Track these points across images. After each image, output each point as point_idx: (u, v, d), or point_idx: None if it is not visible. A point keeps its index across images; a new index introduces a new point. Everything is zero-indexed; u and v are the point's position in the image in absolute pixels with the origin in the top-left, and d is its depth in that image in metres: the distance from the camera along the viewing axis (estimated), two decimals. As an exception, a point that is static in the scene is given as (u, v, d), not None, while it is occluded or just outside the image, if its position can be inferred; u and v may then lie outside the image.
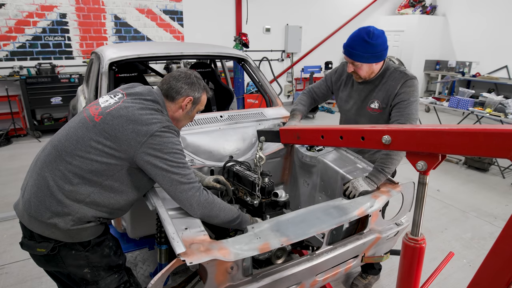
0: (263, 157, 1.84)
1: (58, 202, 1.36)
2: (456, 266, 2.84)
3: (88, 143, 1.38)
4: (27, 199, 1.39)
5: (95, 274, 1.50)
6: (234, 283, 1.45)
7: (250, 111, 2.68)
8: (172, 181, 1.41)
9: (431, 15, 9.98)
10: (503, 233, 0.86)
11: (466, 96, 5.54)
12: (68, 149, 1.39)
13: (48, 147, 1.45)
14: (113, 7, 6.72)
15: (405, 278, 1.17)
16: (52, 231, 1.39)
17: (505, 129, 0.81)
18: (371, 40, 1.84)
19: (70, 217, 1.38)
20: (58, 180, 1.36)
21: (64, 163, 1.37)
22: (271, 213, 1.88)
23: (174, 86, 1.57)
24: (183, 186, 1.43)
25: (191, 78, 1.60)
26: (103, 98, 1.54)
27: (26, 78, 5.89)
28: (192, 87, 1.60)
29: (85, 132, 1.40)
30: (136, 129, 1.37)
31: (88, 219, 1.43)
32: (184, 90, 1.57)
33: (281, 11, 8.61)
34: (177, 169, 1.41)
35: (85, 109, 1.52)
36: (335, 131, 1.31)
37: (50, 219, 1.36)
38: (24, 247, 1.46)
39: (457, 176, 4.82)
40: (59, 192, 1.36)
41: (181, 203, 1.47)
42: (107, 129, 1.38)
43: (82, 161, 1.37)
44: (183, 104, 1.59)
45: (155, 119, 1.42)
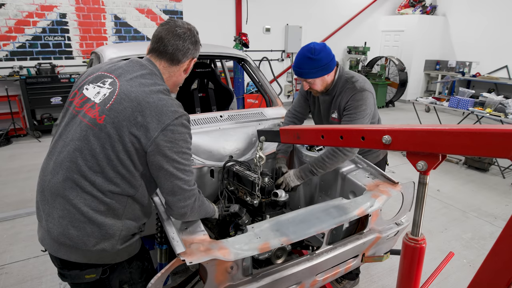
0: (263, 157, 1.84)
1: (99, 226, 1.24)
2: (456, 266, 2.84)
3: (102, 153, 1.22)
4: (61, 232, 1.23)
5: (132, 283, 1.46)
6: (234, 283, 1.45)
7: (250, 111, 2.68)
8: (174, 186, 1.29)
9: (431, 15, 9.98)
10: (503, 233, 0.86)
11: (466, 96, 5.54)
12: (85, 167, 1.22)
13: (55, 169, 1.26)
14: (113, 7, 6.71)
15: (405, 278, 1.17)
16: (100, 257, 1.29)
17: (505, 129, 0.81)
18: (314, 56, 1.93)
19: (116, 237, 1.28)
20: (91, 204, 1.23)
21: (88, 184, 1.22)
22: (271, 213, 1.88)
23: (182, 48, 1.36)
24: (185, 194, 1.32)
25: (195, 37, 1.41)
26: (90, 90, 1.32)
27: (26, 78, 5.90)
28: (196, 46, 1.42)
29: (94, 142, 1.22)
30: (145, 125, 1.21)
31: (132, 231, 1.35)
32: (190, 51, 1.39)
33: (281, 11, 8.61)
34: (182, 174, 1.29)
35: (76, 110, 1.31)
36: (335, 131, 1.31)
37: (96, 245, 1.24)
38: (67, 278, 1.33)
39: (457, 176, 4.82)
40: (97, 215, 1.23)
41: (176, 209, 1.34)
42: (113, 130, 1.21)
43: (105, 176, 1.23)
44: (188, 66, 1.44)
45: (164, 105, 1.25)
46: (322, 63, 1.95)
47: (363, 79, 2.09)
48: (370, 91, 2.04)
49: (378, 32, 10.50)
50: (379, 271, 2.76)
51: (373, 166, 2.08)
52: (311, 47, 1.96)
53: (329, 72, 2.02)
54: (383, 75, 8.99)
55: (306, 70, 1.97)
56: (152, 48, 1.39)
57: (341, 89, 2.08)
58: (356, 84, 2.02)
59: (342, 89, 2.08)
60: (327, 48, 2.00)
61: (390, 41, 10.40)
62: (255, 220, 1.91)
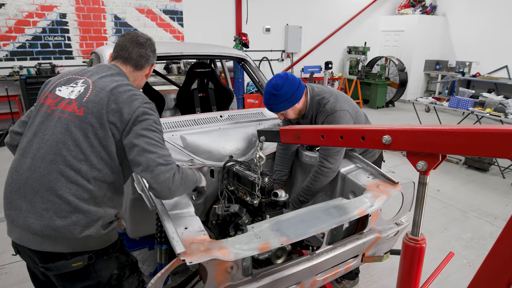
0: (263, 157, 1.84)
1: (84, 214, 1.30)
2: (456, 266, 2.84)
3: (86, 142, 1.31)
4: (45, 224, 1.26)
5: (122, 274, 1.49)
6: (234, 283, 1.45)
7: (250, 111, 2.68)
8: (149, 160, 1.32)
9: (431, 15, 9.98)
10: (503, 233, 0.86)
11: (466, 96, 5.54)
12: (70, 158, 1.30)
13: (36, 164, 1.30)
14: (113, 7, 6.71)
15: (405, 278, 1.17)
16: (85, 244, 1.34)
17: (505, 129, 0.81)
18: (277, 92, 1.99)
19: (100, 222, 1.34)
20: (76, 192, 1.29)
21: (74, 173, 1.29)
22: (271, 213, 1.88)
23: (144, 55, 1.53)
24: (161, 167, 1.34)
25: (154, 45, 1.58)
26: (63, 90, 1.41)
27: (26, 78, 5.89)
28: (154, 54, 1.60)
29: (77, 132, 1.31)
30: (119, 110, 1.34)
31: (111, 219, 1.41)
32: (151, 59, 1.57)
33: (281, 11, 8.61)
34: (155, 148, 1.34)
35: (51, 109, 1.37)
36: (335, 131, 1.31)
37: (82, 233, 1.30)
38: (52, 271, 1.34)
39: (457, 176, 4.82)
40: (81, 203, 1.30)
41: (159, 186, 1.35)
42: (94, 119, 1.32)
43: (89, 163, 1.31)
44: (149, 72, 1.60)
45: (134, 95, 1.39)
46: (287, 96, 2.00)
47: (334, 97, 2.08)
48: (342, 109, 2.04)
49: (378, 32, 10.50)
50: (379, 271, 2.76)
51: (373, 166, 2.09)
52: (273, 83, 2.01)
53: (298, 101, 2.05)
54: (383, 75, 8.98)
55: (274, 105, 2.04)
56: (116, 55, 1.53)
57: (315, 112, 2.12)
58: (327, 107, 2.05)
59: (316, 112, 2.12)
60: (290, 79, 2.02)
61: (390, 41, 10.40)
62: (255, 220, 1.91)
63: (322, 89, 2.15)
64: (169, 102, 3.84)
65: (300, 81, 2.08)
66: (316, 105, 2.11)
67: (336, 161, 2.03)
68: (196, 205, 2.12)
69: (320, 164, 2.05)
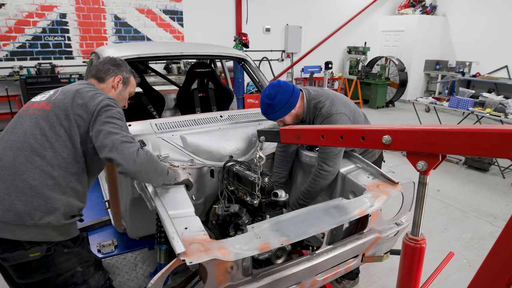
0: (263, 157, 1.84)
1: (46, 199, 1.36)
2: (456, 266, 2.84)
3: (51, 131, 1.43)
4: (6, 209, 1.32)
5: (86, 272, 1.51)
6: (234, 283, 1.45)
7: (250, 111, 2.68)
8: (114, 140, 1.42)
9: (431, 15, 9.98)
10: (503, 233, 0.86)
11: (466, 96, 5.54)
12: (35, 147, 1.40)
13: (3, 152, 1.41)
14: (113, 7, 6.71)
15: (405, 278, 1.17)
16: (45, 233, 1.37)
17: (505, 129, 0.81)
18: (272, 101, 2.00)
19: (61, 211, 1.40)
20: (39, 177, 1.37)
21: (37, 159, 1.39)
22: (271, 213, 1.88)
23: (102, 68, 1.70)
24: (126, 144, 1.44)
25: (116, 61, 1.75)
26: (37, 98, 1.61)
27: (26, 78, 5.89)
28: (119, 68, 1.74)
29: (43, 123, 1.44)
30: (85, 103, 1.49)
31: (74, 212, 1.47)
32: (112, 71, 1.71)
33: (281, 11, 8.61)
34: (119, 131, 1.46)
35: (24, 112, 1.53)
36: (335, 131, 1.31)
37: (42, 219, 1.35)
38: (9, 261, 1.36)
39: (457, 176, 4.82)
40: (45, 188, 1.37)
41: (124, 160, 1.41)
42: (60, 111, 1.47)
43: (54, 152, 1.41)
44: (114, 83, 1.71)
45: (97, 93, 1.55)
46: (281, 104, 2.00)
47: (330, 100, 2.08)
48: (338, 112, 2.04)
49: (378, 32, 10.50)
50: (379, 271, 2.76)
51: (373, 166, 2.09)
52: (267, 93, 2.02)
53: (293, 107, 2.05)
54: (383, 75, 8.98)
55: (270, 114, 2.06)
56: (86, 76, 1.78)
57: (313, 116, 2.12)
58: (323, 110, 2.05)
59: (313, 116, 2.12)
60: (283, 86, 2.01)
61: (390, 41, 10.40)
62: (255, 220, 1.91)
63: (318, 93, 2.14)
64: (169, 102, 3.84)
65: (294, 87, 2.07)
66: (312, 109, 2.11)
67: (335, 163, 2.03)
68: (196, 205, 2.12)
69: (319, 168, 2.06)
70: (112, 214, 2.42)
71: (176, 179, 1.70)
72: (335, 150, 2.01)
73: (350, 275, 2.48)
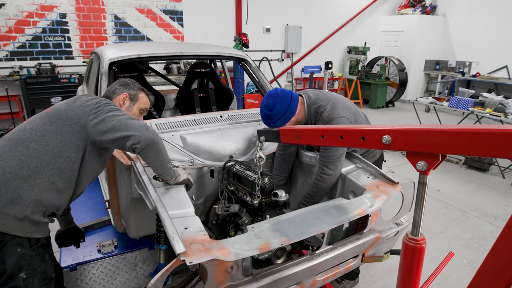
0: (263, 157, 1.84)
1: (15, 188, 1.36)
2: (456, 266, 2.84)
3: (42, 128, 1.49)
4: None
5: (29, 281, 1.40)
6: (234, 283, 1.45)
7: (250, 111, 2.68)
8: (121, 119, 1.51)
9: (431, 15, 9.97)
10: (503, 233, 0.86)
11: (466, 96, 5.54)
12: (23, 138, 1.46)
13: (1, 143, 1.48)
14: (113, 7, 6.71)
15: (405, 278, 1.17)
16: (3, 222, 1.33)
17: (505, 129, 0.81)
18: (271, 112, 1.99)
19: (27, 203, 1.38)
20: (16, 166, 1.39)
21: (20, 149, 1.43)
22: (271, 213, 1.88)
23: (110, 89, 1.85)
24: (133, 120, 1.53)
25: (124, 81, 1.88)
26: None
27: (26, 78, 5.89)
28: (126, 86, 1.85)
29: (39, 121, 1.52)
30: (82, 104, 1.57)
31: (42, 209, 1.44)
32: (118, 90, 1.83)
33: (281, 11, 8.61)
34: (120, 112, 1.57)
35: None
36: (335, 131, 1.31)
37: (5, 207, 1.33)
38: None
39: (457, 176, 4.82)
40: (17, 177, 1.37)
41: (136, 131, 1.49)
42: (56, 112, 1.54)
43: (38, 144, 1.45)
44: (120, 100, 1.81)
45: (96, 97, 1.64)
46: (281, 113, 1.99)
47: (331, 104, 2.07)
48: (339, 116, 2.04)
49: (378, 32, 10.50)
50: (379, 271, 2.76)
51: (373, 166, 2.09)
52: (265, 103, 2.01)
53: (293, 114, 2.03)
54: (383, 75, 8.98)
55: (271, 124, 2.03)
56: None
57: (314, 120, 2.11)
58: (324, 115, 2.05)
59: (314, 120, 2.11)
60: (280, 96, 2.00)
61: (390, 41, 10.40)
62: (255, 220, 1.91)
63: (318, 96, 2.13)
64: (169, 102, 3.84)
65: (292, 94, 2.05)
66: (314, 113, 2.10)
67: (336, 167, 2.04)
68: (196, 205, 2.12)
69: (320, 171, 2.06)
70: (112, 214, 2.42)
71: (176, 179, 1.70)
72: (336, 154, 2.01)
73: (350, 275, 2.48)
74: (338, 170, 2.06)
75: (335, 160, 2.02)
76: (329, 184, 2.07)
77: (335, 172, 2.04)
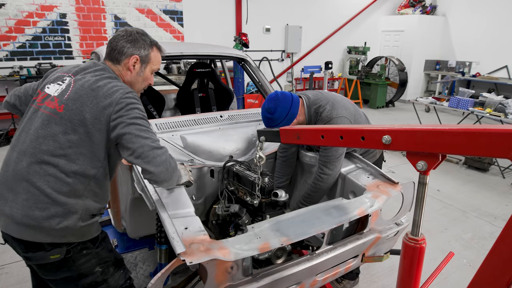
0: (263, 157, 1.84)
1: (62, 206, 1.34)
2: (456, 266, 2.84)
3: (64, 138, 1.34)
4: (25, 214, 1.31)
5: (106, 272, 1.49)
6: (234, 283, 1.45)
7: (250, 111, 2.68)
8: (144, 146, 1.34)
9: (431, 15, 9.98)
10: (503, 233, 0.86)
11: (466, 96, 5.53)
12: (48, 152, 1.34)
13: (19, 157, 1.36)
14: (113, 7, 6.72)
15: (405, 278, 1.17)
16: (63, 235, 1.36)
17: (505, 129, 0.81)
18: (273, 116, 1.99)
19: (78, 215, 1.37)
20: (54, 185, 1.33)
21: (51, 166, 1.33)
22: (271, 213, 1.88)
23: (116, 47, 1.48)
24: (157, 151, 1.37)
25: (132, 35, 1.50)
26: (50, 88, 1.46)
27: (26, 78, 5.89)
28: (135, 44, 1.49)
29: (56, 128, 1.35)
30: (100, 104, 1.35)
31: (92, 212, 1.44)
32: (127, 49, 1.48)
33: (281, 11, 8.61)
34: (146, 133, 1.37)
35: (38, 105, 1.43)
36: (335, 131, 1.31)
37: (60, 224, 1.33)
38: (32, 260, 1.39)
39: (457, 176, 4.82)
40: (60, 196, 1.33)
41: (156, 168, 1.36)
42: (74, 116, 1.35)
43: (68, 158, 1.34)
44: (130, 65, 1.50)
45: (114, 86, 1.39)
46: (283, 116, 2.00)
47: (330, 104, 2.08)
48: (339, 116, 2.04)
49: (378, 32, 10.50)
50: (379, 271, 2.76)
51: (373, 166, 2.09)
52: (266, 107, 2.01)
53: (295, 116, 2.04)
54: (383, 75, 8.98)
55: (274, 127, 2.03)
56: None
57: (314, 120, 2.12)
58: (323, 115, 2.05)
59: (315, 121, 2.12)
60: (281, 99, 2.00)
61: (390, 41, 10.40)
62: (255, 220, 1.91)
63: (317, 97, 2.14)
64: (169, 102, 3.84)
65: (293, 96, 2.06)
66: (314, 114, 2.11)
67: (335, 167, 2.04)
68: (196, 205, 2.12)
69: (319, 171, 2.06)
70: (112, 214, 2.42)
71: (178, 180, 1.68)
72: (336, 154, 2.02)
73: (350, 275, 2.48)
74: (337, 170, 2.06)
75: (334, 160, 2.02)
76: (328, 184, 2.07)
77: (334, 172, 2.04)
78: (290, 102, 2.02)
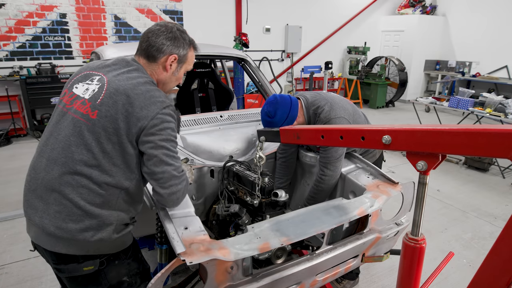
0: (263, 157, 1.84)
1: (97, 218, 1.28)
2: (456, 266, 2.84)
3: (98, 148, 1.26)
4: (58, 226, 1.25)
5: (133, 282, 1.45)
6: (234, 283, 1.45)
7: (250, 111, 2.68)
8: (165, 172, 1.32)
9: (431, 15, 9.98)
10: (503, 233, 0.86)
11: (466, 96, 5.53)
12: (81, 161, 1.26)
13: (49, 165, 1.28)
14: (113, 7, 6.72)
15: (405, 278, 1.17)
16: (98, 247, 1.32)
17: (505, 129, 0.81)
18: (273, 119, 2.00)
19: (113, 226, 1.32)
20: (87, 197, 1.26)
21: (84, 177, 1.26)
22: (271, 213, 1.88)
23: (154, 43, 1.37)
24: (175, 180, 1.35)
25: (173, 32, 1.39)
26: (79, 88, 1.36)
27: (26, 78, 5.90)
28: (175, 42, 1.39)
29: (89, 136, 1.26)
30: (135, 115, 1.26)
31: (125, 221, 1.39)
32: (166, 47, 1.38)
33: (281, 11, 8.62)
34: (172, 160, 1.33)
35: (67, 108, 1.34)
36: (335, 131, 1.31)
37: (94, 236, 1.28)
38: (64, 273, 1.33)
39: (457, 176, 4.82)
40: (93, 207, 1.27)
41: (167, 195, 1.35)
42: (108, 124, 1.26)
43: (101, 169, 1.27)
44: (167, 64, 1.40)
45: (152, 97, 1.30)
46: (283, 119, 2.01)
47: (329, 105, 2.08)
48: (337, 117, 2.04)
49: (378, 32, 10.50)
50: (379, 271, 2.76)
51: (373, 166, 2.09)
52: (266, 111, 2.02)
53: (295, 118, 2.05)
54: (383, 75, 8.99)
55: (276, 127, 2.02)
56: (137, 49, 1.45)
57: (313, 121, 2.12)
58: (322, 116, 2.06)
59: (314, 121, 2.12)
60: (280, 102, 2.01)
61: (390, 41, 10.40)
62: (255, 220, 1.91)
63: (316, 98, 2.14)
64: (169, 102, 3.84)
65: (292, 98, 2.06)
66: (313, 115, 2.11)
67: (336, 168, 2.04)
68: (196, 205, 2.12)
69: (320, 173, 2.07)
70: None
71: None
72: (335, 155, 2.02)
73: (350, 275, 2.48)
74: (338, 170, 2.07)
75: (334, 161, 2.02)
76: (330, 185, 2.07)
77: (335, 172, 2.05)
78: (289, 104, 2.02)
